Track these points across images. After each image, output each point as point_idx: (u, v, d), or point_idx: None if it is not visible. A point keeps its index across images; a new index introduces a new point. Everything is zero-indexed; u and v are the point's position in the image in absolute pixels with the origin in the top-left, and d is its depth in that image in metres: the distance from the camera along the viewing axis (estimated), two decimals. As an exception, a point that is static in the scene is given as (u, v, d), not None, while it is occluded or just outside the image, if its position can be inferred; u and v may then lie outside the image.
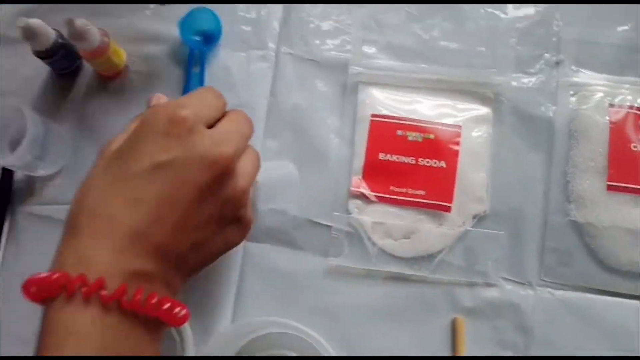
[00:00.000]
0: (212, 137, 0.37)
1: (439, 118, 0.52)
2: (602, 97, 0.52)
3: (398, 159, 0.51)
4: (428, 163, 0.51)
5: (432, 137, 0.51)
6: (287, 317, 0.49)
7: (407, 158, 0.51)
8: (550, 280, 0.50)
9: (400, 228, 0.50)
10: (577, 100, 0.52)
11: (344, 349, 0.49)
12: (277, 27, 0.56)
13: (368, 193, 0.51)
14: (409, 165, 0.51)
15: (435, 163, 0.51)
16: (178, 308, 0.35)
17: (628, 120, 0.51)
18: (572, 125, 0.52)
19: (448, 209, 0.50)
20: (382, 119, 0.52)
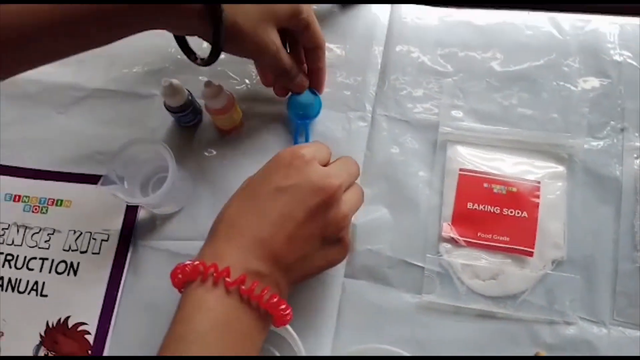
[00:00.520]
0: (323, 170, 0.48)
1: (520, 174, 0.59)
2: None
3: (484, 209, 0.58)
4: (511, 213, 0.57)
5: (514, 190, 0.58)
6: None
7: (492, 208, 0.58)
8: (623, 320, 0.55)
9: (487, 270, 0.56)
10: (641, 162, 0.59)
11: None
12: (373, 92, 0.65)
13: (457, 238, 0.57)
14: (494, 214, 0.57)
15: (518, 213, 0.57)
16: (284, 305, 0.45)
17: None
18: (637, 184, 0.58)
19: (530, 254, 0.56)
20: (469, 173, 0.59)
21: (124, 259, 0.61)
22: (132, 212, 0.63)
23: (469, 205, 0.58)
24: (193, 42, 0.56)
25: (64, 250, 0.62)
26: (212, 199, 0.62)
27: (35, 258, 0.62)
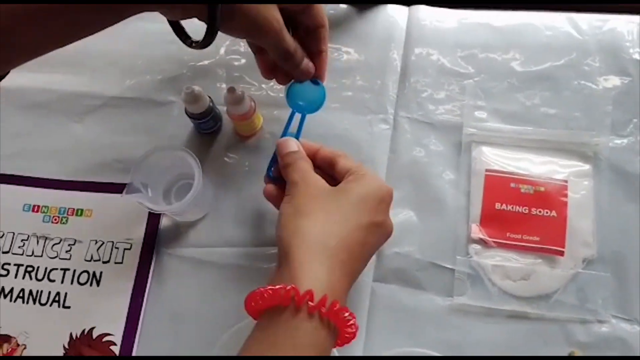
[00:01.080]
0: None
1: (546, 173, 0.59)
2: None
3: (513, 209, 0.57)
4: (540, 212, 0.57)
5: (542, 189, 0.58)
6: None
7: (520, 208, 0.57)
8: (655, 318, 0.55)
9: (518, 270, 0.56)
10: (665, 159, 0.59)
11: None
12: (394, 95, 0.64)
13: (486, 239, 0.57)
14: (523, 215, 0.57)
15: (547, 212, 0.57)
16: (353, 321, 0.44)
17: None
18: (662, 181, 0.59)
19: (561, 253, 0.56)
20: (496, 174, 0.59)
21: (148, 268, 0.60)
22: (154, 220, 0.62)
23: (497, 206, 0.58)
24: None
25: (86, 261, 0.61)
26: (235, 205, 0.62)
27: (57, 269, 0.61)
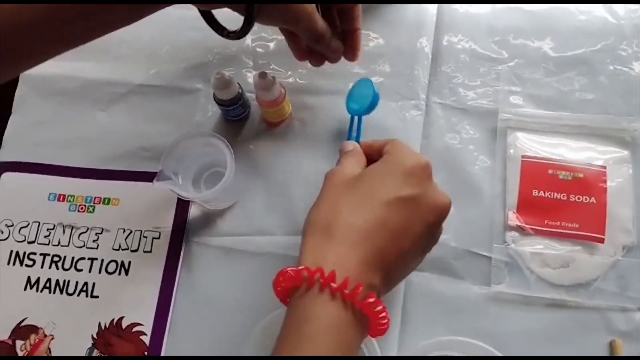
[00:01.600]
0: (437, 187, 0.45)
1: (584, 159, 0.57)
2: None
3: (551, 195, 0.56)
4: (579, 199, 0.56)
5: (581, 176, 0.56)
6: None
7: (558, 194, 0.56)
8: (697, 306, 0.54)
9: (557, 258, 0.55)
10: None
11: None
12: (425, 80, 0.63)
13: (524, 226, 0.56)
14: (561, 201, 0.56)
15: (586, 199, 0.56)
16: (384, 313, 0.40)
17: None
18: (703, 167, 0.57)
19: (601, 240, 0.55)
20: (533, 160, 0.58)
21: (177, 257, 0.59)
22: (183, 208, 0.61)
23: (534, 193, 0.57)
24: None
25: (114, 250, 0.60)
26: (265, 193, 0.61)
27: (84, 258, 0.60)
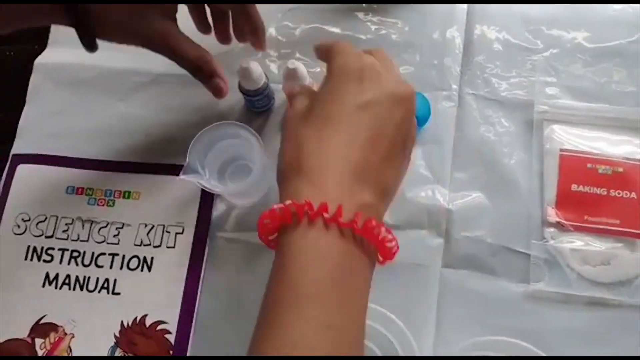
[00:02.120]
0: (394, 77, 0.42)
1: (624, 153, 0.56)
2: None
3: (590, 190, 0.55)
4: (619, 194, 0.54)
5: (621, 170, 0.55)
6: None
7: (598, 189, 0.55)
8: None
9: (598, 255, 0.53)
10: None
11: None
12: (457, 71, 0.61)
13: (563, 222, 0.54)
14: (601, 196, 0.55)
15: (627, 194, 0.54)
16: (390, 235, 0.37)
17: None
18: None
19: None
20: (571, 154, 0.56)
21: (202, 253, 0.57)
22: (208, 202, 0.59)
23: (574, 187, 0.55)
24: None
25: (136, 245, 0.58)
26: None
27: (104, 254, 0.58)
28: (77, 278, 0.58)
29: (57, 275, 0.58)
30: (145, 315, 0.56)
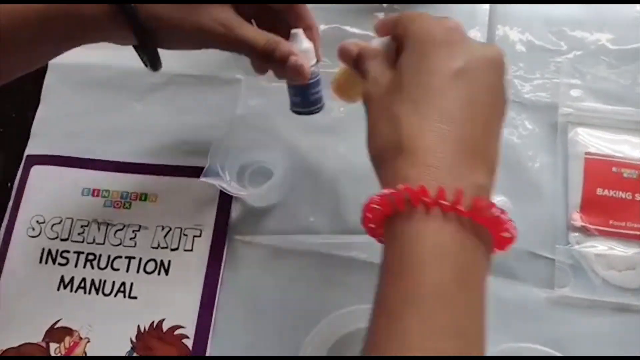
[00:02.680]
0: (477, 42, 0.38)
1: (648, 157, 0.56)
2: None
3: (615, 195, 0.55)
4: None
5: (646, 174, 0.55)
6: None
7: (624, 194, 0.55)
8: None
9: (623, 260, 0.53)
10: None
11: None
12: (480, 72, 0.61)
13: (588, 226, 0.54)
14: (627, 201, 0.54)
15: (651, 200, 0.54)
16: (509, 220, 0.33)
17: None
18: None
19: (647, 239, 0.53)
20: (596, 157, 0.56)
21: (221, 256, 0.57)
22: (226, 205, 0.59)
23: (599, 192, 0.55)
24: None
25: (153, 248, 0.58)
26: (312, 189, 0.59)
27: (121, 257, 0.58)
28: (92, 281, 0.58)
29: (72, 279, 0.58)
30: (163, 320, 0.56)
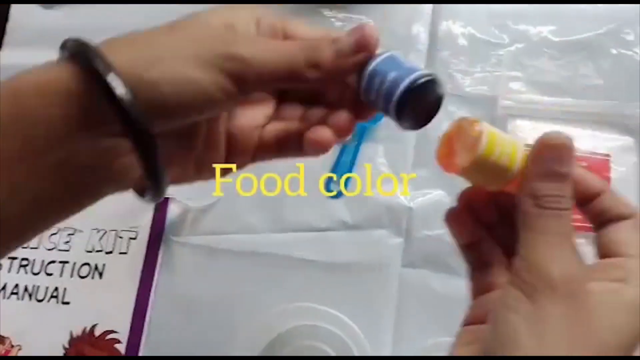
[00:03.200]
0: None
1: (588, 148, 0.55)
2: None
3: (555, 186, 0.54)
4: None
5: (584, 165, 0.54)
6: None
7: (562, 184, 0.54)
8: None
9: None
10: None
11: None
12: (422, 66, 0.61)
13: (527, 219, 0.54)
14: (565, 192, 0.54)
15: (591, 190, 0.54)
16: None
17: None
18: None
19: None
20: (534, 149, 0.55)
21: (156, 258, 0.57)
22: (162, 205, 0.58)
23: (537, 183, 0.55)
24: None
25: (87, 252, 0.58)
26: (249, 189, 0.58)
27: (54, 262, 0.58)
28: (25, 287, 0.57)
29: (5, 285, 0.57)
30: (95, 325, 0.55)
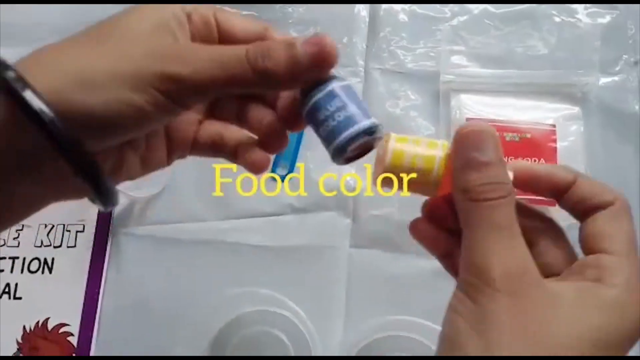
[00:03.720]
0: None
1: (532, 119, 0.56)
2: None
3: (497, 158, 0.55)
4: (528, 161, 0.54)
5: (528, 136, 0.55)
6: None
7: (506, 157, 0.54)
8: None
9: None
10: (659, 95, 0.57)
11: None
12: (363, 45, 0.61)
13: (471, 192, 0.54)
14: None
15: (535, 161, 0.54)
16: None
17: None
18: (657, 118, 0.56)
19: (553, 204, 0.53)
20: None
21: (104, 250, 0.57)
22: (108, 197, 0.59)
23: (480, 157, 0.55)
24: None
25: (36, 247, 0.58)
26: (195, 176, 0.59)
27: (5, 258, 0.58)
28: (-24, 285, 0.57)
29: (-43, 284, 0.58)
30: (48, 319, 0.56)
